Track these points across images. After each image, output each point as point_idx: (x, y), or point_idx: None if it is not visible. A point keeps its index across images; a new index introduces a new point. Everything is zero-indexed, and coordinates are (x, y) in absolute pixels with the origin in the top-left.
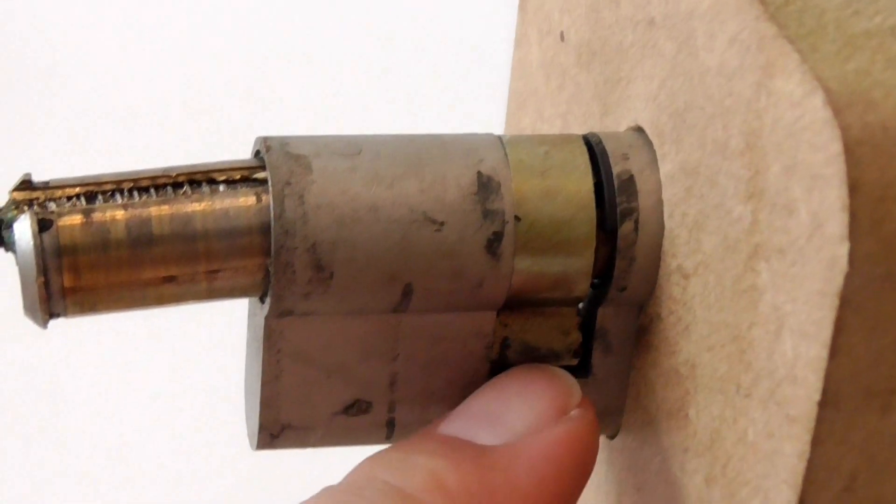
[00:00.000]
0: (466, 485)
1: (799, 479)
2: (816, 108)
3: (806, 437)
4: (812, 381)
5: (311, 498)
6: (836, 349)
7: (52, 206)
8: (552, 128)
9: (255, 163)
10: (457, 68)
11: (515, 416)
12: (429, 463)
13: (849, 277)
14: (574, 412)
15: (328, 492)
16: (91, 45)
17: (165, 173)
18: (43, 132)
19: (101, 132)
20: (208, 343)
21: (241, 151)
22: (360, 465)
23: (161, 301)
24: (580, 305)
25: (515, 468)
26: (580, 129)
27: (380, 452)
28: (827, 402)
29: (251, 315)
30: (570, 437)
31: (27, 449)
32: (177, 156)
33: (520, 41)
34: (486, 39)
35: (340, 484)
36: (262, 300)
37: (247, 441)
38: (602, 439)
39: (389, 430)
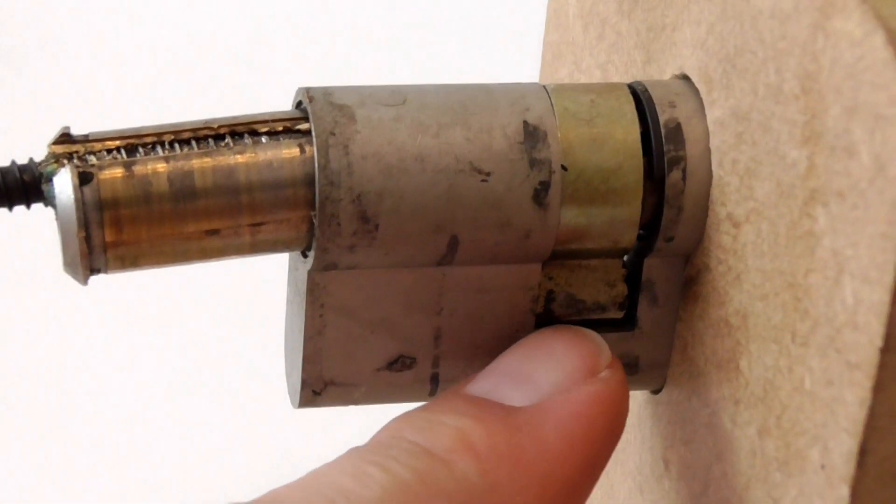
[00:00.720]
0: (494, 444)
1: (860, 427)
2: (878, 48)
3: (867, 384)
4: (874, 327)
5: (338, 458)
6: None
7: (93, 159)
8: (591, 78)
9: (297, 114)
10: (488, 21)
11: (543, 375)
12: (456, 423)
13: None
14: (604, 373)
15: (354, 452)
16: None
17: (207, 125)
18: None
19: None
20: (218, 320)
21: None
22: (387, 425)
23: (204, 255)
24: (625, 257)
25: (544, 428)
26: (621, 79)
27: (407, 413)
28: (889, 347)
29: (292, 270)
30: (599, 397)
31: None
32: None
33: None
34: None
35: (367, 444)
36: (304, 254)
37: (274, 408)
38: (646, 394)
39: (433, 386)
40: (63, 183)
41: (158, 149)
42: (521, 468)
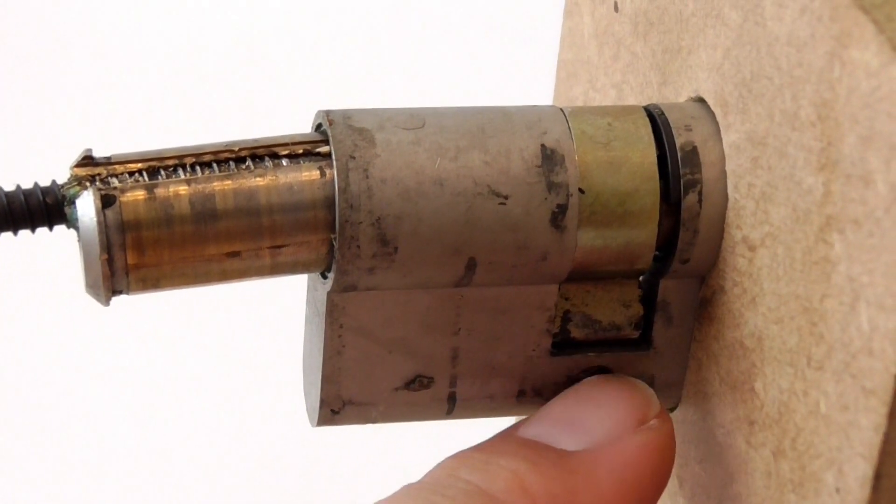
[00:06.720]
0: (548, 488)
1: (875, 452)
2: (894, 78)
3: (882, 410)
4: (890, 354)
5: (391, 496)
6: None
7: (115, 181)
8: (605, 98)
9: (317, 137)
10: (502, 39)
11: (596, 422)
12: (511, 465)
13: None
14: (653, 422)
15: (409, 489)
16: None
17: (227, 148)
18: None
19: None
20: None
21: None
22: (442, 463)
23: (224, 277)
24: (641, 278)
25: (597, 473)
26: (636, 100)
27: (461, 452)
28: None
29: (311, 290)
30: (649, 446)
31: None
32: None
33: (570, 11)
34: (532, 9)
35: (421, 482)
36: (323, 276)
37: (292, 425)
38: None
39: (450, 405)
40: (86, 205)
41: (180, 171)
42: None
